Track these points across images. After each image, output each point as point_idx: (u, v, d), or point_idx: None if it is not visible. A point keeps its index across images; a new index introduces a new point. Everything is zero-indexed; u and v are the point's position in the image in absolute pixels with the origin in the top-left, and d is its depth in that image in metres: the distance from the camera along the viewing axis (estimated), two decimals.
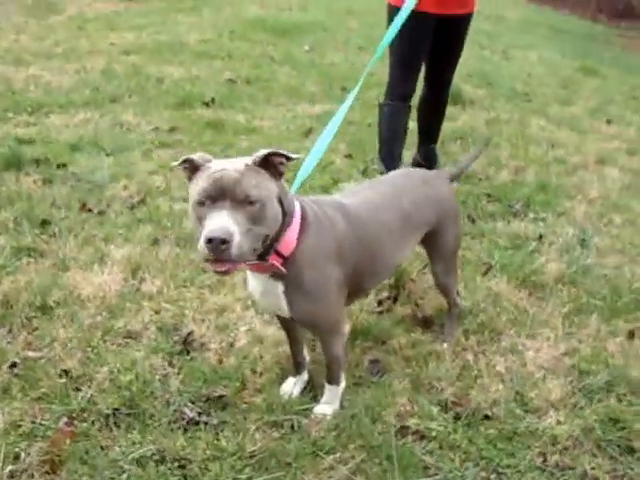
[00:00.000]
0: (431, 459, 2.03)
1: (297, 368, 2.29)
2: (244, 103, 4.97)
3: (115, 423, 2.05)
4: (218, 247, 1.53)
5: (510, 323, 2.67)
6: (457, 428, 2.14)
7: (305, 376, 2.31)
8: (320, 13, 8.47)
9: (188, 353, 2.38)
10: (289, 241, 1.79)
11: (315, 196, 2.15)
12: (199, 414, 2.11)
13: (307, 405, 2.18)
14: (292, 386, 2.27)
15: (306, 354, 2.33)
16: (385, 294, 2.82)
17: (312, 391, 2.28)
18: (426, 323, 2.68)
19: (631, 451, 2.10)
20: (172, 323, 2.51)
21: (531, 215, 3.63)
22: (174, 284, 2.73)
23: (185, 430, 2.05)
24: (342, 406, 2.19)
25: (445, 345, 2.55)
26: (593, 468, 2.02)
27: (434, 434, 2.12)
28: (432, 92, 3.77)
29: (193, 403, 2.15)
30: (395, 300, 2.78)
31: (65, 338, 2.38)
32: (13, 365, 2.24)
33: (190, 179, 1.74)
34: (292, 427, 2.10)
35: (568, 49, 10.33)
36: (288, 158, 1.72)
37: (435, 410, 2.21)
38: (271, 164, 1.71)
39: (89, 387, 2.17)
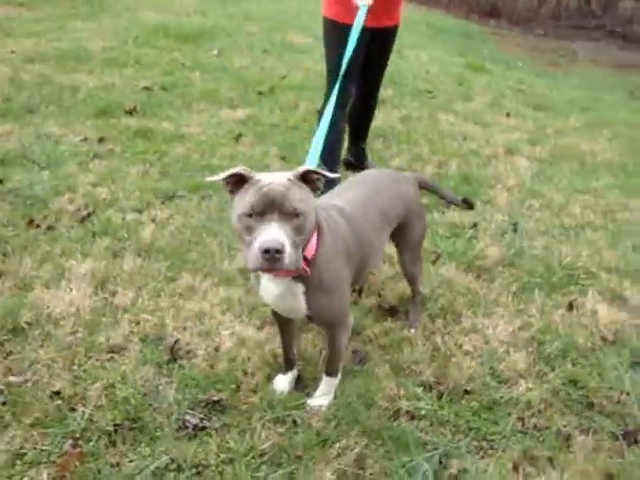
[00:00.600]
0: (427, 436, 2.17)
1: (288, 364, 2.35)
2: (166, 110, 4.89)
3: (120, 439, 2.02)
4: (273, 257, 1.65)
5: (466, 305, 2.87)
6: (443, 405, 2.29)
7: (295, 372, 2.37)
8: (220, 18, 8.41)
9: (175, 361, 2.37)
10: (311, 245, 1.89)
11: None
12: (201, 420, 2.12)
13: (303, 400, 2.25)
14: (284, 383, 2.34)
15: (295, 351, 2.40)
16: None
17: (302, 386, 2.36)
18: (392, 311, 2.82)
19: (591, 406, 2.35)
20: (154, 333, 2.48)
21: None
22: (147, 294, 2.69)
23: (192, 437, 2.06)
24: (335, 396, 2.28)
25: (412, 330, 2.70)
26: (565, 426, 2.25)
27: (423, 412, 2.26)
28: (363, 97, 3.92)
29: (193, 410, 2.16)
30: (360, 293, 2.90)
31: (47, 359, 2.29)
32: None
33: (232, 192, 1.82)
34: (294, 422, 2.16)
35: (451, 47, 10.90)
36: (324, 176, 1.85)
37: (419, 391, 2.36)
38: (309, 180, 1.84)
39: (84, 406, 2.11)
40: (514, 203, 3.96)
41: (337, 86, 2.76)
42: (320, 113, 3.78)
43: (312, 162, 2.21)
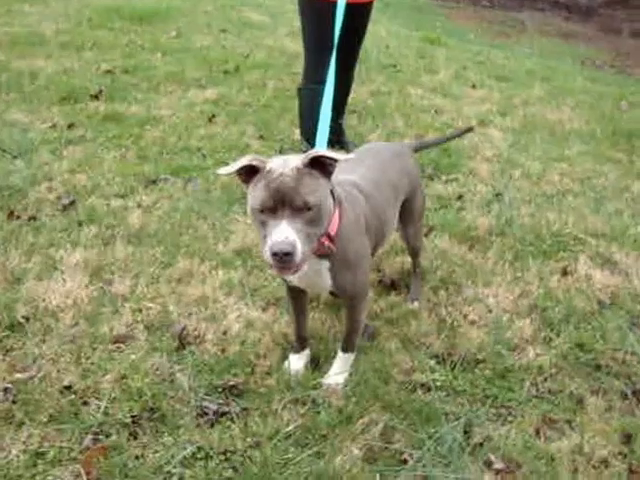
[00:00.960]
0: (445, 406, 2.18)
1: (302, 343, 2.31)
2: (133, 94, 4.71)
3: (140, 430, 1.96)
4: (283, 259, 1.63)
5: (465, 276, 2.88)
6: (457, 375, 2.30)
7: (308, 351, 2.34)
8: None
9: (185, 348, 2.31)
10: (334, 222, 1.86)
11: None
12: (220, 405, 2.07)
13: (319, 379, 2.23)
14: (298, 362, 2.29)
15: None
16: None
17: (315, 365, 2.33)
18: (393, 286, 2.81)
19: (599, 368, 2.40)
20: (159, 320, 2.40)
21: (444, 177, 3.89)
22: (144, 281, 2.60)
23: (214, 423, 2.01)
24: (350, 373, 2.26)
25: (415, 303, 2.69)
26: (576, 388, 2.30)
27: (439, 384, 2.26)
28: (341, 71, 3.86)
29: (210, 396, 2.10)
30: None
31: (51, 353, 2.18)
32: (5, 391, 2.03)
33: (246, 182, 1.77)
34: (314, 402, 2.13)
35: (403, 21, 10.92)
36: (335, 160, 1.77)
37: (432, 363, 2.37)
38: (321, 163, 1.76)
39: (98, 399, 2.03)
40: (495, 173, 4.00)
41: (332, 59, 2.71)
42: (300, 90, 3.71)
43: (322, 144, 2.15)
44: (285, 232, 1.63)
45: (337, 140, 4.17)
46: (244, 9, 8.28)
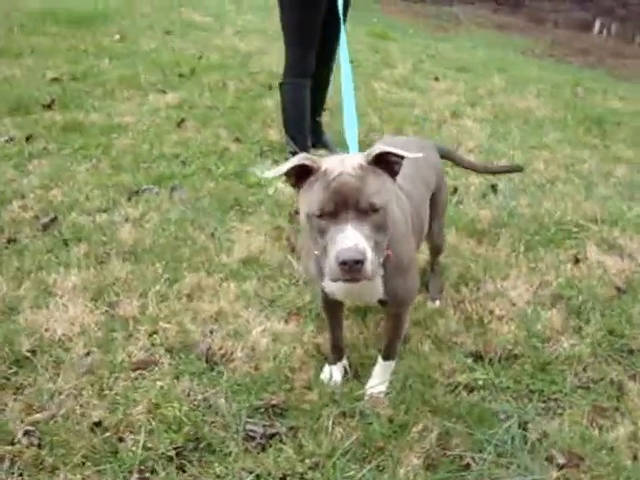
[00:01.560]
0: (494, 405, 2.18)
1: (339, 354, 2.25)
2: (88, 101, 4.50)
3: (187, 462, 1.85)
4: (352, 268, 1.49)
5: (481, 270, 2.89)
6: (498, 372, 2.30)
7: (345, 361, 2.28)
8: (105, 2, 7.89)
9: (213, 369, 2.21)
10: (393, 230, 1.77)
11: None
12: (266, 427, 2.00)
13: (362, 390, 2.17)
14: (336, 373, 2.24)
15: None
16: None
17: (352, 374, 2.28)
18: None
19: (631, 352, 2.46)
20: (179, 341, 2.29)
21: None
22: (153, 300, 2.48)
23: (264, 447, 1.93)
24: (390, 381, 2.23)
25: (437, 302, 2.69)
26: (616, 375, 2.34)
27: (481, 383, 2.26)
28: (322, 68, 3.83)
29: (252, 418, 2.02)
30: None
31: (70, 388, 2.04)
32: (27, 434, 1.89)
33: (298, 186, 1.65)
34: (361, 414, 2.08)
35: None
36: (402, 157, 1.65)
37: (469, 361, 2.36)
38: (385, 162, 1.65)
39: (133, 433, 1.91)
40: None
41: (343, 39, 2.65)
42: (283, 85, 3.65)
43: (353, 144, 1.97)
44: (353, 237, 1.49)
45: (315, 138, 4.13)
46: (184, 10, 8.12)
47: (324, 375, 2.24)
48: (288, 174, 1.65)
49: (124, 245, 2.81)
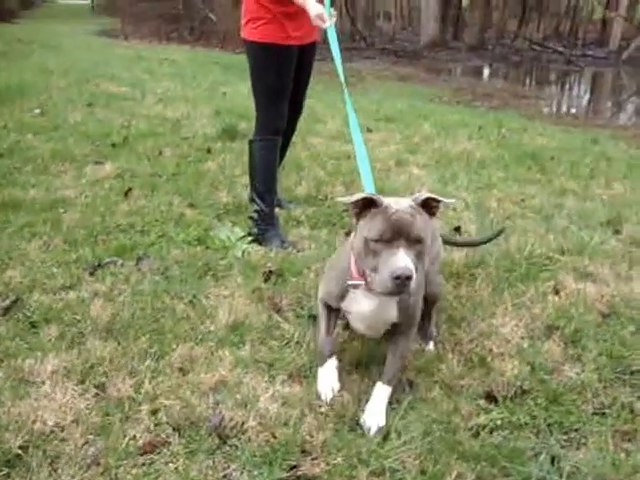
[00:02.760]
0: (521, 443, 2.19)
1: (329, 349, 2.39)
2: (20, 178, 4.33)
3: None
4: (404, 282, 1.87)
5: (468, 311, 2.95)
6: (513, 410, 2.33)
7: (335, 360, 2.40)
8: (19, 75, 7.73)
9: (226, 443, 2.12)
10: None
11: None
12: None
13: (390, 446, 2.12)
14: (330, 375, 2.36)
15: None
16: None
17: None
18: None
19: (633, 374, 2.55)
20: (184, 417, 2.18)
21: None
22: (146, 377, 2.35)
23: None
24: (407, 430, 2.19)
25: (431, 344, 2.72)
26: (625, 397, 2.41)
27: (499, 422, 2.27)
28: (294, 119, 3.87)
29: None
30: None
31: None
32: None
33: (359, 216, 2.04)
34: (390, 469, 2.04)
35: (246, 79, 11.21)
36: (439, 202, 2.08)
37: (481, 402, 2.38)
38: (427, 205, 2.05)
39: None
40: (440, 208, 4.17)
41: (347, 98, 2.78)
42: (253, 143, 3.65)
43: (370, 188, 2.39)
44: (404, 259, 1.88)
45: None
46: (99, 82, 8.12)
47: (320, 386, 2.34)
48: (355, 205, 2.03)
49: (99, 322, 2.68)
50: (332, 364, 2.39)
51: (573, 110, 12.23)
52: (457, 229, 3.81)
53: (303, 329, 2.76)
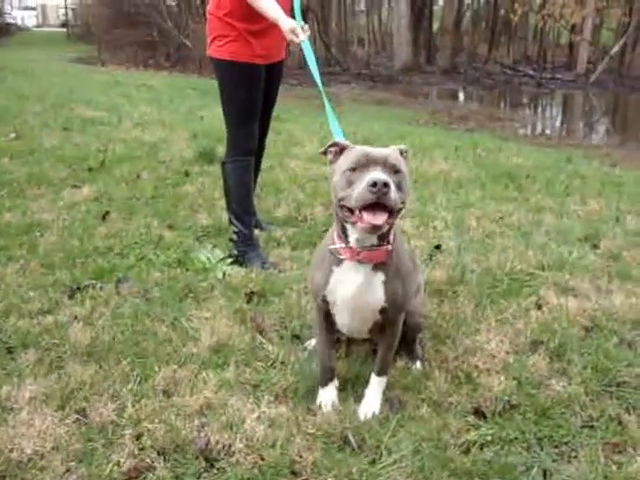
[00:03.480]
0: (512, 459, 2.16)
1: (330, 374, 2.42)
2: None
3: None
4: (381, 189, 1.85)
5: (453, 328, 2.94)
6: (502, 425, 2.31)
7: (336, 382, 2.44)
8: None
9: (213, 466, 2.06)
10: (391, 233, 2.13)
11: None
12: None
13: (381, 464, 2.09)
14: (329, 395, 2.38)
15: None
16: None
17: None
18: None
19: (619, 385, 2.54)
20: (170, 441, 2.12)
21: None
22: (128, 401, 2.30)
23: None
24: (397, 448, 2.16)
25: (418, 363, 2.70)
26: (612, 409, 2.41)
27: (489, 438, 2.25)
28: (262, 138, 3.87)
29: None
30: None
31: None
32: None
33: (335, 160, 2.11)
34: None
35: None
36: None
37: (470, 419, 2.35)
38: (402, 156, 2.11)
39: None
40: (420, 227, 4.20)
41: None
42: (226, 164, 3.63)
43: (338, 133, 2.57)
44: (382, 174, 1.88)
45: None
46: (74, 106, 8.08)
47: (320, 399, 2.37)
48: (329, 150, 2.15)
49: (78, 346, 2.62)
50: (332, 388, 2.42)
51: (547, 131, 12.47)
52: (438, 247, 3.82)
53: (287, 350, 2.72)
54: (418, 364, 2.69)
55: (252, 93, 3.44)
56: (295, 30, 3.10)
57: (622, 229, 4.34)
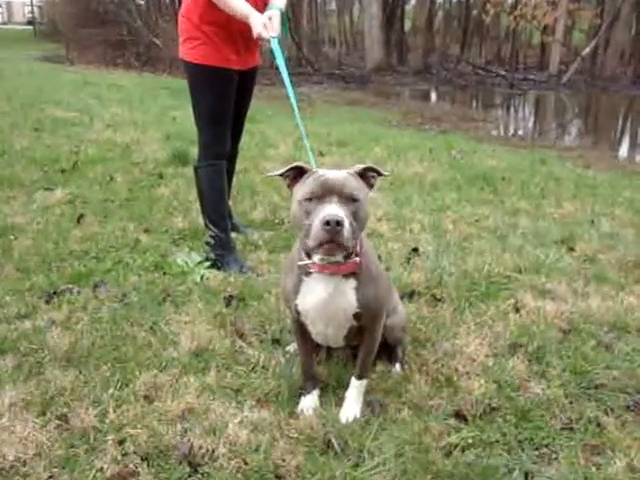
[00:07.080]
0: (493, 461, 2.21)
1: (312, 381, 2.46)
2: None
3: None
4: (334, 228, 1.87)
5: (432, 331, 2.99)
6: (483, 427, 2.36)
7: (318, 390, 2.47)
8: None
9: (197, 471, 2.08)
10: (358, 241, 2.13)
11: None
12: None
13: (364, 468, 2.12)
14: (312, 403, 2.42)
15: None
16: None
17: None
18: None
19: (597, 387, 2.61)
20: (153, 446, 2.13)
21: None
22: (109, 407, 2.29)
23: None
24: (379, 451, 2.19)
25: (397, 367, 2.74)
26: (591, 411, 2.47)
27: (471, 441, 2.30)
28: (235, 143, 3.87)
29: None
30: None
31: None
32: None
33: (293, 185, 2.10)
34: None
35: None
36: (380, 174, 2.15)
37: (452, 422, 2.40)
38: (365, 177, 2.11)
39: None
40: (397, 230, 4.24)
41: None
42: (199, 169, 3.63)
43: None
44: (335, 209, 1.90)
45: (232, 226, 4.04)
46: (45, 107, 8.00)
47: (302, 405, 2.41)
48: (286, 175, 2.12)
49: (57, 351, 2.62)
50: (314, 394, 2.46)
51: (520, 132, 12.65)
52: (415, 250, 3.87)
53: (268, 354, 2.74)
54: (397, 367, 2.73)
55: (223, 97, 3.45)
56: (266, 24, 3.12)
57: (597, 231, 4.44)
